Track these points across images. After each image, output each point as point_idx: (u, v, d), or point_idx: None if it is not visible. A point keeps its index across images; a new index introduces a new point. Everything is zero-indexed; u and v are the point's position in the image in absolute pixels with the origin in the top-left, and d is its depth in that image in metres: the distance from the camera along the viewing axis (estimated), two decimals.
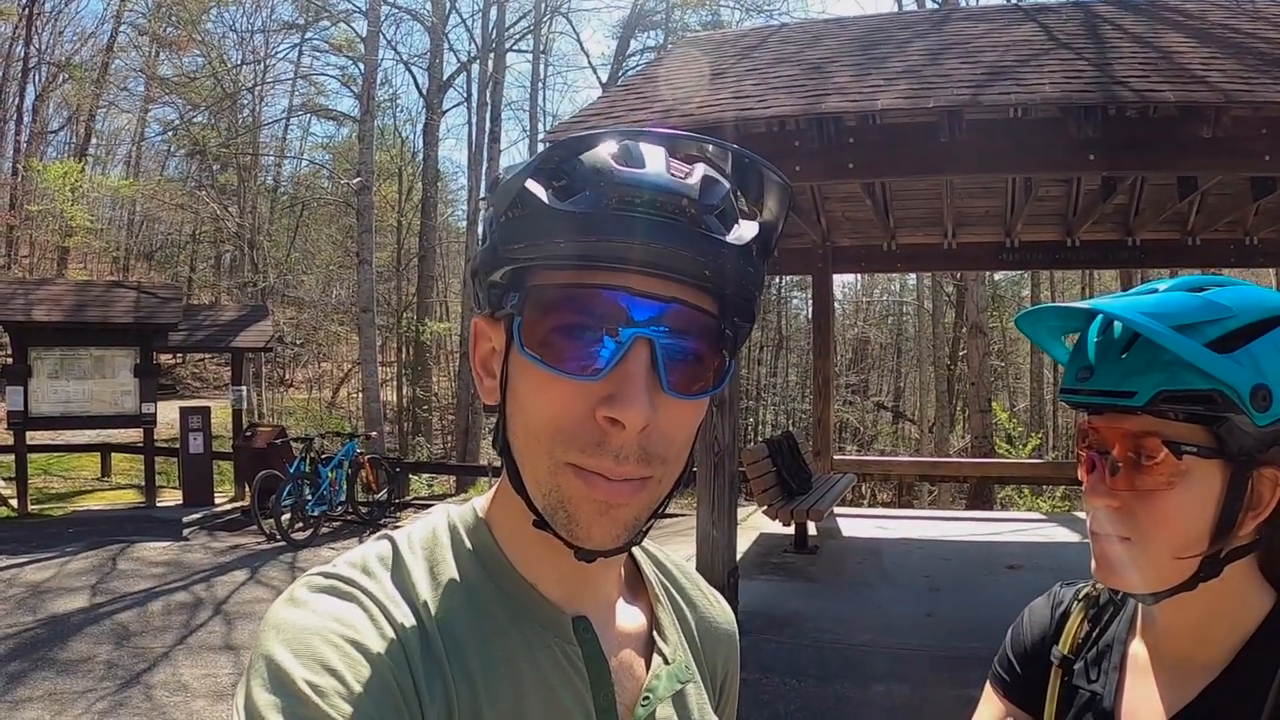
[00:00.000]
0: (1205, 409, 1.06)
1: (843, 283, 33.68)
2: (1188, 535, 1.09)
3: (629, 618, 1.02)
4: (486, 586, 0.91)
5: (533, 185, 0.82)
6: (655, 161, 0.83)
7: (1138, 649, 1.25)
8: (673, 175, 0.82)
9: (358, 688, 0.75)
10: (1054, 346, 1.31)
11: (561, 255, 0.80)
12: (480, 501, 0.99)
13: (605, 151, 0.83)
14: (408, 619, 0.84)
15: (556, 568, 0.91)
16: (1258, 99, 5.96)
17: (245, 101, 32.61)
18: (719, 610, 1.16)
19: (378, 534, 0.95)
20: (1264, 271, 18.60)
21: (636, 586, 1.08)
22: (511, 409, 0.87)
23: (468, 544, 0.93)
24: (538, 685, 0.88)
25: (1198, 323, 1.07)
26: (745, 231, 0.85)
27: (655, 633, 1.03)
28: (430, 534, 0.94)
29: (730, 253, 0.83)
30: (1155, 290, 1.15)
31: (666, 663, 1.00)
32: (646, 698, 0.96)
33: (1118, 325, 1.14)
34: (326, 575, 0.86)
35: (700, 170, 0.84)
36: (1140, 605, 1.25)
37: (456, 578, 0.90)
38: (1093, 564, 1.19)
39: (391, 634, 0.81)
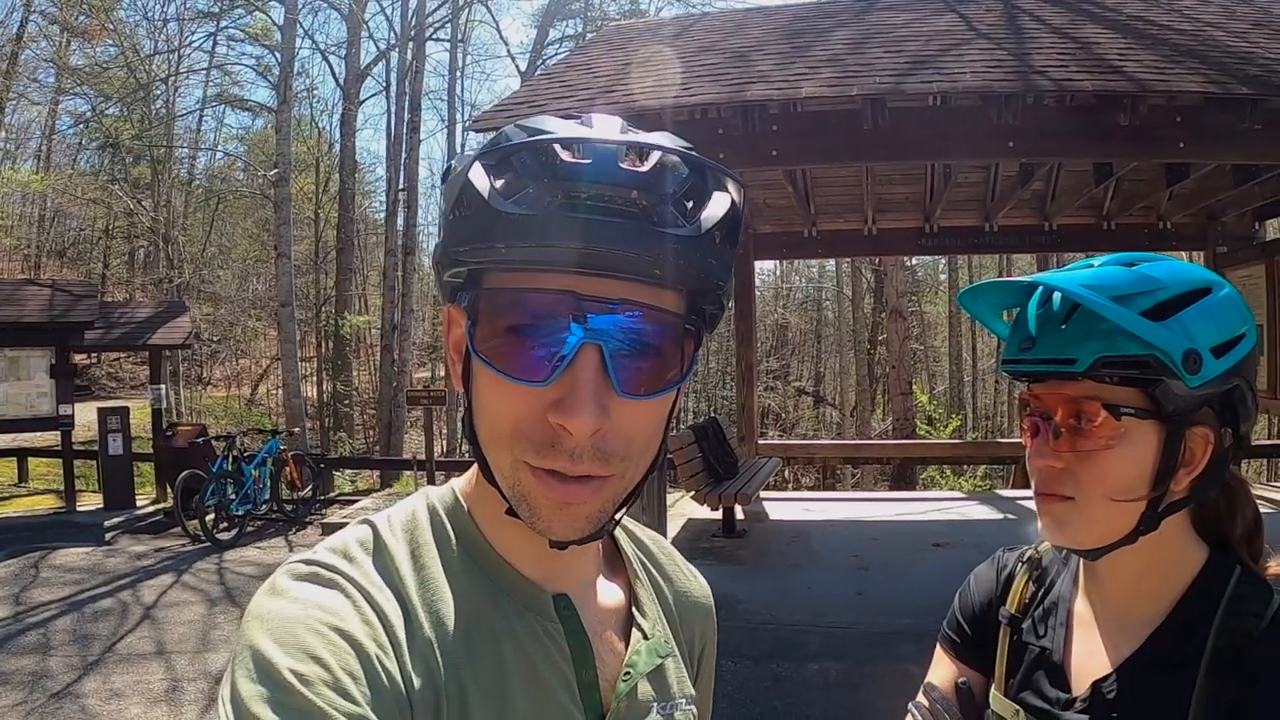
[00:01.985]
0: (1141, 373, 1.13)
1: (762, 269, 33.96)
2: (1126, 490, 1.16)
3: (608, 594, 1.04)
4: (468, 568, 0.91)
5: (477, 179, 0.81)
6: (605, 151, 0.80)
7: (1082, 605, 1.32)
8: (623, 165, 0.80)
9: (343, 675, 0.75)
10: (994, 322, 1.37)
11: (506, 259, 0.79)
12: (459, 483, 0.99)
13: (552, 142, 0.80)
14: (390, 603, 0.84)
15: (535, 547, 0.90)
16: (1172, 89, 6.14)
17: (159, 92, 31.75)
18: (695, 584, 1.18)
19: (359, 518, 0.95)
20: (1176, 254, 19.11)
21: (615, 563, 1.09)
22: (475, 403, 0.88)
23: (448, 526, 0.94)
24: (521, 664, 0.88)
25: (1132, 294, 1.14)
26: (708, 217, 0.82)
27: (634, 609, 1.04)
28: (410, 517, 0.94)
29: (685, 245, 0.80)
30: (1091, 265, 1.22)
31: (646, 638, 1.01)
32: (627, 673, 0.97)
33: (1057, 298, 1.21)
34: (308, 562, 0.86)
35: (655, 157, 0.82)
36: (1083, 563, 1.32)
37: (438, 560, 0.90)
38: (1039, 524, 1.25)
39: (375, 619, 0.81)
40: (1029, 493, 1.28)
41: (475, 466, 0.94)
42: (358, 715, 0.74)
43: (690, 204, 0.83)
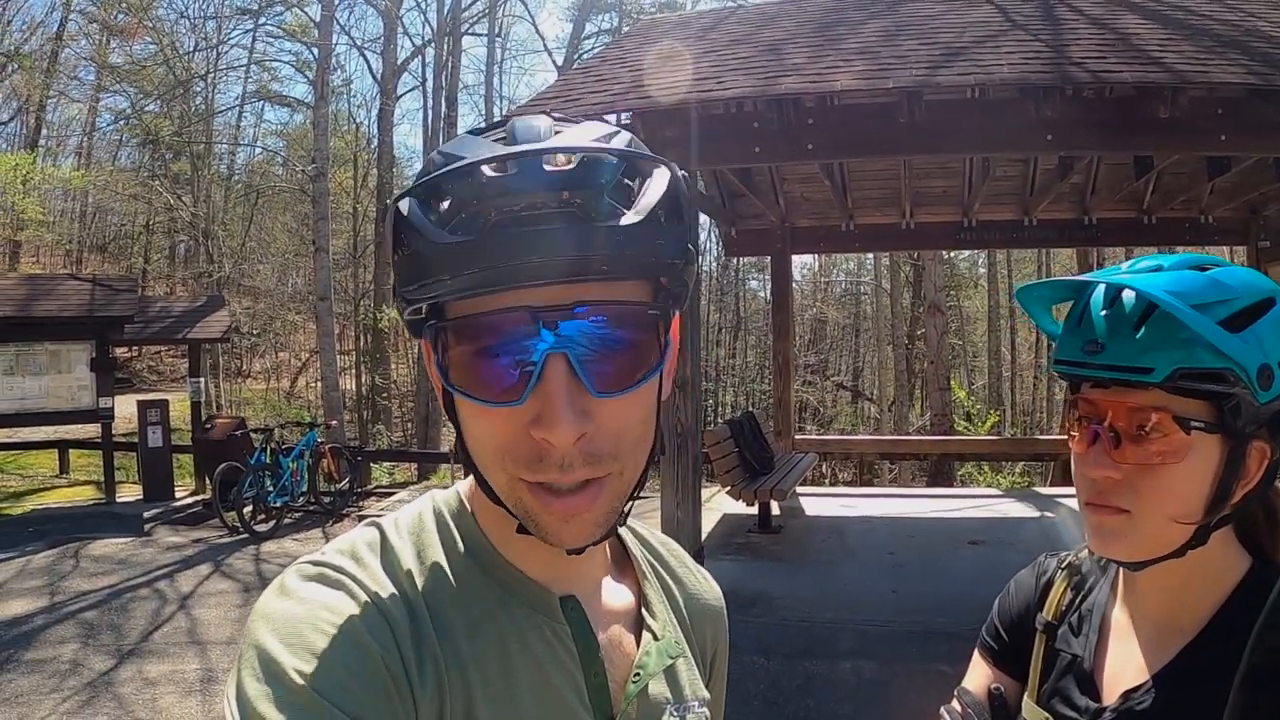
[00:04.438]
0: (1218, 386, 1.09)
1: (800, 263, 33.93)
2: (1188, 506, 1.13)
3: (617, 596, 1.03)
4: (474, 570, 0.91)
5: (412, 215, 0.80)
6: (528, 158, 0.79)
7: (1119, 614, 1.29)
8: (548, 168, 0.78)
9: (348, 676, 0.76)
10: (1043, 318, 1.33)
11: (455, 290, 0.78)
12: (464, 486, 0.99)
13: (476, 160, 0.79)
14: (397, 605, 0.84)
15: (541, 550, 0.90)
16: (1213, 80, 6.04)
17: (198, 89, 32.17)
18: (706, 587, 1.17)
19: (365, 520, 0.95)
20: (1217, 249, 18.87)
21: (623, 565, 1.08)
22: (462, 427, 0.87)
23: (453, 529, 0.94)
24: (528, 666, 0.88)
25: (1210, 302, 1.09)
26: (648, 200, 0.81)
27: (644, 610, 1.04)
28: (416, 520, 0.95)
29: (628, 233, 0.78)
30: (1160, 267, 1.17)
31: (656, 639, 1.01)
32: (637, 674, 0.97)
33: (1128, 300, 1.15)
34: (315, 563, 0.86)
35: (580, 152, 0.80)
36: (1121, 572, 1.29)
37: (444, 562, 0.90)
38: (1086, 533, 1.22)
39: (381, 621, 0.82)
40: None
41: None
42: (361, 716, 0.75)
43: (627, 189, 0.82)
